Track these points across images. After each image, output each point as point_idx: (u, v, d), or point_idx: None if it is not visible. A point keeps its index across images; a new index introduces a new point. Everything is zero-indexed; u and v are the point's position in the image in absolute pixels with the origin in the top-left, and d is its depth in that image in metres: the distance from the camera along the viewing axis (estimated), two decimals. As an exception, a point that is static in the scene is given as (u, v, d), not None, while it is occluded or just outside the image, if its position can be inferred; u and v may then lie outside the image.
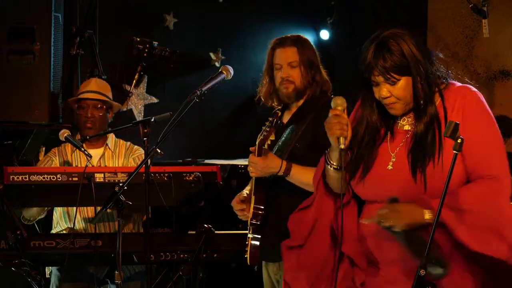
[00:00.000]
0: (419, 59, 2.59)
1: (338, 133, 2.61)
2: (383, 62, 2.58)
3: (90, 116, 4.30)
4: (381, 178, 2.65)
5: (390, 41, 2.60)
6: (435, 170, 2.55)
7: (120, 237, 3.12)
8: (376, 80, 2.62)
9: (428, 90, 2.60)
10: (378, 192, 2.65)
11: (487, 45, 5.81)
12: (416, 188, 2.57)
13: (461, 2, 5.81)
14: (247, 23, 6.33)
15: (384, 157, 2.66)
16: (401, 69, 2.58)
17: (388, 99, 2.62)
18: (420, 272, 2.37)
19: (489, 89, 5.85)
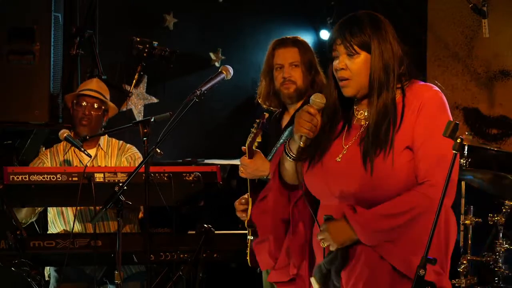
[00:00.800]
0: (385, 45, 2.59)
1: (304, 132, 2.57)
2: (348, 32, 2.58)
3: (87, 113, 4.31)
4: (327, 169, 2.62)
5: (363, 15, 2.65)
6: (385, 163, 2.51)
7: (120, 237, 3.12)
8: (337, 51, 2.60)
9: (384, 77, 2.55)
10: (324, 186, 2.62)
11: (487, 45, 5.81)
12: (364, 178, 2.54)
13: (461, 2, 5.81)
14: (247, 23, 6.33)
15: (336, 150, 2.63)
16: (364, 43, 2.57)
17: (342, 71, 2.58)
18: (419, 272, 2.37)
19: (489, 89, 5.85)
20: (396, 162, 2.51)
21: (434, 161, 2.52)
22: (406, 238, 2.48)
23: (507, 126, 5.76)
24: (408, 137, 2.54)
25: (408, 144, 2.54)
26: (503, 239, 4.27)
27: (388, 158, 2.51)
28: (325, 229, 2.54)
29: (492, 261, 4.27)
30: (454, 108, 6.01)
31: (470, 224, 4.42)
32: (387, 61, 2.57)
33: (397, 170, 2.52)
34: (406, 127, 2.55)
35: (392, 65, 2.58)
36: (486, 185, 4.45)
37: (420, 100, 2.57)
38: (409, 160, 2.54)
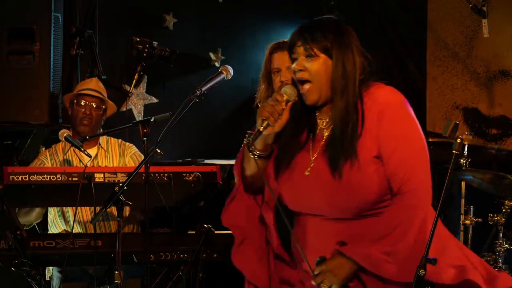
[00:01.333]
0: (347, 52, 2.54)
1: (265, 114, 2.51)
2: (309, 35, 2.54)
3: (88, 113, 4.30)
4: (298, 184, 2.59)
5: (326, 21, 2.59)
6: (351, 171, 2.49)
7: (120, 237, 3.12)
8: (297, 53, 2.56)
9: (345, 83, 2.52)
10: (298, 199, 2.61)
11: (487, 45, 5.81)
12: (336, 189, 2.52)
13: (461, 2, 5.82)
14: (247, 23, 6.33)
15: (303, 163, 2.60)
16: (324, 48, 2.53)
17: (301, 72, 2.54)
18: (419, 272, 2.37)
19: (489, 89, 5.85)
20: (365, 170, 2.48)
21: (408, 168, 2.49)
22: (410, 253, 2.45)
23: (507, 126, 5.77)
24: (373, 145, 2.51)
25: (375, 153, 2.51)
26: (503, 239, 4.27)
27: (355, 166, 2.49)
28: (324, 271, 2.48)
29: (492, 261, 4.27)
30: (454, 108, 6.01)
31: (470, 224, 4.42)
32: (348, 68, 2.53)
33: (367, 177, 2.49)
34: (368, 135, 2.51)
35: (353, 72, 2.54)
36: (486, 185, 4.46)
37: (378, 106, 2.52)
38: (377, 168, 2.51)
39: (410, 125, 2.53)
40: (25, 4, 4.22)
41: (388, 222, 2.47)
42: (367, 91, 2.55)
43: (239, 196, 2.72)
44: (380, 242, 2.44)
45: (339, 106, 2.52)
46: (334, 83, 2.52)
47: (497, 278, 2.60)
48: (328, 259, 2.50)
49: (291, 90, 2.57)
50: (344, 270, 2.48)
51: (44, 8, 4.24)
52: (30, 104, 4.22)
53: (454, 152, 2.40)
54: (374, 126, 2.50)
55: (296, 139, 2.62)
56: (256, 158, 2.61)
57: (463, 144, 2.40)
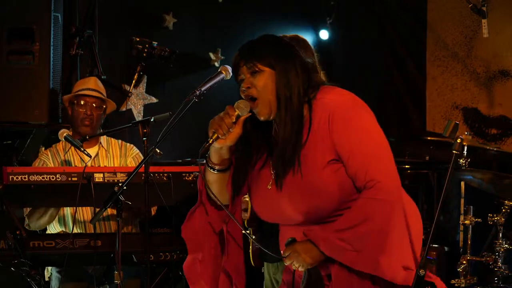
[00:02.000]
0: (288, 62, 2.56)
1: (214, 127, 2.58)
2: (250, 52, 2.59)
3: (89, 114, 4.31)
4: (263, 198, 2.63)
5: (263, 37, 2.65)
6: (294, 179, 2.52)
7: (120, 237, 3.12)
8: (241, 73, 2.60)
9: (288, 93, 2.53)
10: (269, 213, 2.64)
11: (487, 45, 5.81)
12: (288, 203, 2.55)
13: (461, 2, 5.82)
14: (247, 23, 6.33)
15: (265, 178, 2.63)
16: (266, 60, 2.56)
17: (248, 90, 2.57)
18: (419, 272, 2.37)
19: (489, 89, 5.85)
20: (319, 174, 2.50)
21: (369, 162, 2.50)
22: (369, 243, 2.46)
23: (506, 126, 5.76)
24: (327, 150, 2.52)
25: (330, 157, 2.52)
26: (502, 239, 4.27)
27: (298, 174, 2.51)
28: (292, 251, 2.53)
29: (491, 261, 4.27)
30: (454, 108, 6.01)
31: (470, 224, 4.42)
32: (290, 78, 2.55)
33: (323, 180, 2.50)
34: (320, 141, 2.52)
35: (297, 82, 2.56)
36: (486, 185, 4.46)
37: (328, 111, 2.53)
38: (336, 170, 2.52)
39: (362, 123, 2.53)
40: (25, 4, 4.21)
41: (356, 214, 2.48)
42: (315, 98, 2.57)
43: (200, 210, 2.74)
44: (342, 230, 2.46)
45: (283, 117, 2.54)
46: (279, 94, 2.54)
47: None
48: (298, 242, 2.53)
49: (244, 105, 2.59)
50: (311, 254, 2.50)
51: (44, 8, 4.24)
52: (30, 104, 4.22)
53: (454, 152, 2.41)
54: (326, 131, 2.52)
55: (255, 153, 2.66)
56: (214, 172, 2.65)
57: (463, 144, 2.40)
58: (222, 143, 2.59)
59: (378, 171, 2.49)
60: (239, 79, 2.62)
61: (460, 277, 4.33)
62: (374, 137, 2.54)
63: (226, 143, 2.59)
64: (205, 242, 2.74)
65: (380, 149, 2.53)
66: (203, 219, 2.74)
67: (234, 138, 2.59)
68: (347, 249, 2.45)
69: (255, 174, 2.66)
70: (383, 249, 2.43)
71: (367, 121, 2.55)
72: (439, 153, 5.47)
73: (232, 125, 2.57)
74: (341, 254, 2.47)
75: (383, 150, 2.53)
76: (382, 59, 6.47)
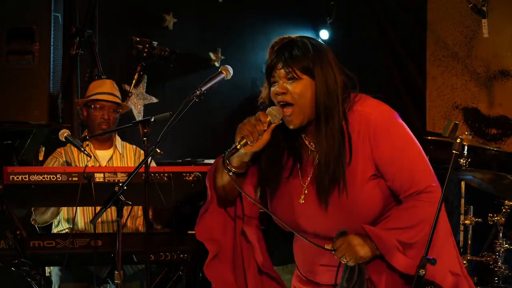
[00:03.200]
0: (328, 70, 2.46)
1: (245, 133, 2.46)
2: (289, 55, 2.46)
3: (107, 118, 4.33)
4: (294, 212, 2.56)
5: (304, 40, 2.51)
6: (340, 199, 2.47)
7: (120, 237, 3.12)
8: (277, 75, 2.48)
9: (329, 103, 2.44)
10: (297, 224, 2.56)
11: (487, 45, 5.81)
12: (325, 218, 2.50)
13: (461, 2, 5.82)
14: (247, 23, 6.33)
15: (296, 190, 2.56)
16: (306, 68, 2.45)
17: (283, 95, 2.45)
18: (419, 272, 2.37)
19: (489, 89, 5.86)
20: (362, 190, 2.46)
21: (417, 171, 2.48)
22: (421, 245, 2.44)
23: (506, 126, 5.77)
24: (368, 166, 2.47)
25: (371, 173, 2.48)
26: (502, 239, 4.27)
27: (343, 193, 2.46)
28: (346, 243, 2.44)
29: (492, 261, 4.28)
30: (454, 108, 6.01)
31: (470, 224, 4.42)
32: (331, 86, 2.45)
33: (367, 195, 2.47)
34: (361, 156, 2.47)
35: (336, 91, 2.46)
36: (486, 185, 4.46)
37: (368, 127, 2.46)
38: (376, 183, 2.49)
39: (404, 137, 2.50)
40: (25, 4, 4.21)
41: (412, 215, 2.45)
42: (351, 110, 2.49)
43: (213, 208, 2.66)
44: (401, 231, 2.43)
45: (324, 131, 2.45)
46: (318, 105, 2.45)
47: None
48: (351, 235, 2.45)
49: (276, 112, 2.49)
50: (364, 248, 2.44)
51: (44, 8, 4.23)
52: (30, 104, 4.21)
53: (454, 152, 2.40)
54: (367, 147, 2.46)
55: (281, 163, 2.57)
56: (231, 175, 2.55)
57: (463, 144, 2.40)
58: (249, 149, 2.49)
59: (426, 179, 2.48)
60: (272, 80, 2.51)
61: (460, 277, 4.32)
62: (416, 150, 2.52)
63: (253, 149, 2.49)
64: (223, 239, 2.66)
65: (424, 160, 2.52)
66: (218, 217, 2.66)
67: (261, 145, 2.49)
68: (399, 250, 2.42)
69: (282, 183, 2.58)
70: (433, 252, 2.39)
71: (407, 133, 2.51)
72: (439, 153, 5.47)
73: (263, 132, 2.48)
74: (392, 254, 2.43)
75: (425, 159, 2.53)
76: (382, 59, 6.47)
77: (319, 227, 2.53)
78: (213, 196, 2.64)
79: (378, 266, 2.50)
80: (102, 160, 4.34)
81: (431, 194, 2.46)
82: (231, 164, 2.56)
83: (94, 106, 4.36)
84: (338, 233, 2.46)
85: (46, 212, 4.12)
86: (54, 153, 4.37)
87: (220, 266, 2.67)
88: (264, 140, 2.49)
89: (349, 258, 2.44)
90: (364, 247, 2.44)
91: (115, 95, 4.42)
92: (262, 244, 2.66)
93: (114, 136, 4.43)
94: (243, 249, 2.67)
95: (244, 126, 2.49)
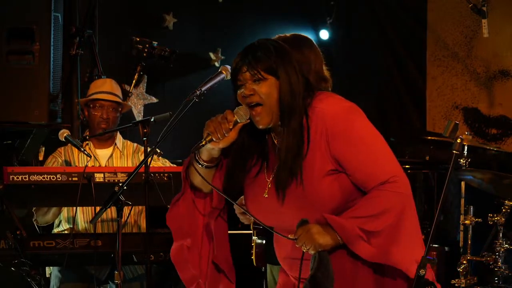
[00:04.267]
0: (291, 69, 2.53)
1: (210, 129, 2.55)
2: (252, 58, 2.55)
3: (106, 117, 4.33)
4: (259, 206, 2.63)
5: (265, 42, 2.60)
6: (296, 190, 2.51)
7: (120, 237, 3.12)
8: (243, 79, 2.56)
9: (292, 101, 2.51)
10: (266, 219, 2.62)
11: (487, 45, 5.81)
12: (285, 211, 2.54)
13: (461, 2, 5.82)
14: (247, 23, 6.33)
15: (262, 186, 2.62)
16: (269, 68, 2.53)
17: (251, 97, 2.54)
18: (419, 272, 2.37)
19: (489, 89, 5.86)
20: (320, 184, 2.49)
21: (378, 164, 2.49)
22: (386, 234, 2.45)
23: (506, 126, 5.77)
24: (326, 161, 2.50)
25: (331, 167, 2.50)
26: (502, 239, 4.27)
27: (299, 186, 2.50)
28: (305, 231, 2.48)
29: (492, 261, 4.27)
30: (454, 108, 6.02)
31: (470, 224, 4.42)
32: (294, 85, 2.53)
33: (325, 189, 2.50)
34: (318, 151, 2.51)
35: (298, 89, 2.53)
36: (486, 185, 4.46)
37: (324, 123, 2.51)
38: (336, 177, 2.51)
39: (361, 131, 2.52)
40: (25, 4, 4.21)
41: (375, 204, 2.46)
42: (310, 105, 2.55)
43: (184, 198, 2.73)
44: (364, 219, 2.44)
45: (287, 126, 2.52)
46: (283, 104, 2.52)
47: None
48: (312, 223, 2.49)
49: (243, 112, 2.57)
50: (324, 236, 2.46)
51: (44, 8, 4.23)
52: (30, 104, 4.21)
53: (454, 152, 2.40)
54: (323, 143, 2.51)
55: (247, 161, 2.65)
56: (202, 168, 2.64)
57: (463, 144, 2.40)
58: (215, 145, 2.59)
59: (391, 168, 2.49)
60: (238, 84, 2.60)
61: (460, 277, 4.33)
62: (375, 142, 2.53)
63: (219, 145, 2.58)
64: (191, 229, 2.73)
65: (385, 150, 2.53)
66: (189, 208, 2.73)
67: (228, 142, 2.58)
68: (363, 238, 2.43)
69: (249, 181, 2.66)
70: (397, 241, 2.43)
71: (364, 128, 2.53)
72: (439, 153, 5.48)
73: (229, 131, 2.56)
74: (355, 242, 2.45)
75: (387, 151, 2.53)
76: (382, 59, 6.48)
77: (281, 219, 2.58)
78: (186, 186, 2.72)
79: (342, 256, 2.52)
80: (102, 159, 4.33)
81: (395, 183, 2.46)
82: (201, 157, 2.65)
83: (93, 106, 4.36)
84: (300, 222, 2.50)
85: (48, 213, 4.12)
86: (54, 153, 4.37)
87: (187, 253, 2.73)
88: (231, 138, 2.58)
89: (308, 246, 2.47)
90: (324, 236, 2.46)
91: (115, 94, 4.41)
92: (222, 236, 2.73)
93: (115, 135, 4.43)
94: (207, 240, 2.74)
95: (211, 123, 2.58)
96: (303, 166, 2.51)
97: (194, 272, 2.73)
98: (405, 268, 2.45)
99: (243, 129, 2.60)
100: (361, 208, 2.47)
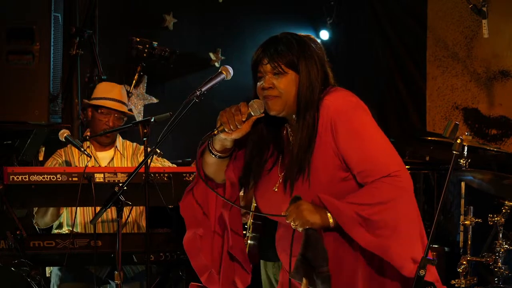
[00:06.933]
0: (311, 64, 2.54)
1: (223, 120, 2.56)
2: (274, 51, 2.54)
3: (111, 125, 4.33)
4: (269, 200, 2.64)
5: (288, 35, 2.58)
6: (303, 187, 2.52)
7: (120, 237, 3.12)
8: (263, 70, 2.55)
9: (310, 95, 2.53)
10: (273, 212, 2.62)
11: (487, 46, 5.81)
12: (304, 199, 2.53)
13: (461, 2, 5.82)
14: (247, 23, 6.33)
15: (273, 179, 2.63)
16: (290, 62, 2.53)
17: (269, 90, 2.54)
18: (419, 272, 2.37)
19: (489, 89, 5.86)
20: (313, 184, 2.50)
21: (381, 157, 2.50)
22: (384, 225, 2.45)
23: (506, 126, 5.77)
24: (333, 155, 2.51)
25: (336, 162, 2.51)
26: (502, 240, 4.27)
27: (306, 181, 2.51)
28: (295, 207, 2.47)
29: (492, 262, 4.27)
30: (454, 108, 6.01)
31: (470, 224, 4.42)
32: (313, 81, 2.54)
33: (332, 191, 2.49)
34: (323, 145, 2.52)
35: (317, 85, 2.55)
36: (486, 185, 4.46)
37: (328, 117, 2.52)
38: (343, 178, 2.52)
39: (363, 126, 2.53)
40: (25, 4, 4.21)
41: (372, 194, 2.46)
42: (322, 100, 2.55)
43: (197, 187, 2.74)
44: (360, 206, 2.44)
45: (301, 123, 2.52)
46: (300, 98, 2.53)
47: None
48: (304, 201, 2.49)
49: (258, 105, 2.57)
50: (314, 215, 2.46)
51: (44, 8, 4.23)
52: (30, 104, 4.21)
53: (454, 152, 2.41)
54: (329, 137, 2.52)
55: (264, 154, 2.65)
56: (215, 158, 2.66)
57: (463, 144, 2.40)
58: (227, 136, 2.59)
59: (392, 163, 2.50)
60: (258, 75, 2.58)
61: (460, 278, 4.33)
62: (377, 137, 2.54)
63: (232, 136, 2.59)
64: (205, 218, 2.74)
65: (387, 146, 2.54)
66: (202, 197, 2.73)
67: (240, 133, 2.58)
68: (361, 224, 2.42)
69: (264, 174, 2.66)
70: (395, 235, 2.42)
71: (366, 123, 2.54)
72: (439, 153, 5.47)
73: (241, 122, 2.56)
74: (351, 226, 2.44)
75: (390, 147, 2.55)
76: (382, 59, 6.48)
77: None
78: (201, 175, 2.72)
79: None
80: (102, 161, 4.34)
81: (397, 178, 2.47)
82: (214, 147, 2.67)
83: (100, 111, 4.35)
84: (293, 198, 2.50)
85: (46, 214, 4.11)
86: (54, 154, 4.37)
87: (199, 242, 2.74)
88: (244, 130, 2.58)
89: (297, 222, 2.47)
90: (314, 214, 2.46)
91: (123, 103, 4.41)
92: (237, 227, 2.72)
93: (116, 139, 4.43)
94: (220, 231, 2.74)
95: (224, 114, 2.59)
96: (311, 161, 2.51)
97: (206, 262, 2.73)
98: (399, 265, 2.44)
99: (260, 121, 2.60)
100: (357, 195, 2.47)
